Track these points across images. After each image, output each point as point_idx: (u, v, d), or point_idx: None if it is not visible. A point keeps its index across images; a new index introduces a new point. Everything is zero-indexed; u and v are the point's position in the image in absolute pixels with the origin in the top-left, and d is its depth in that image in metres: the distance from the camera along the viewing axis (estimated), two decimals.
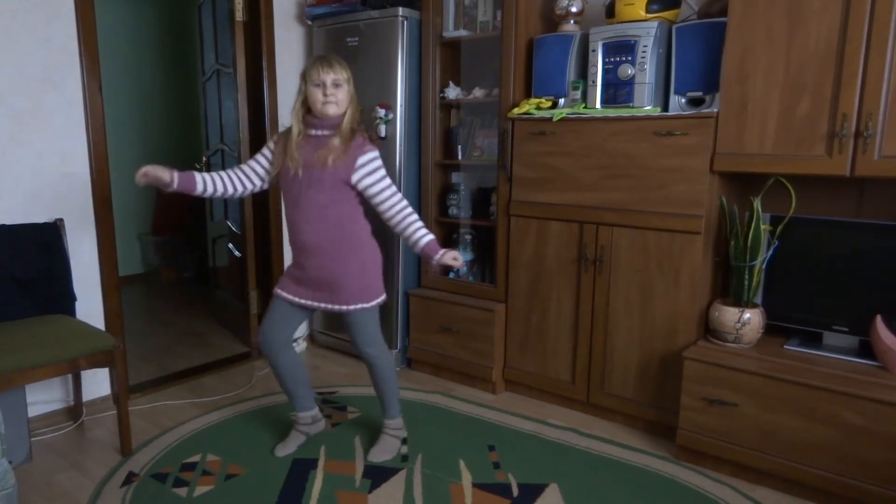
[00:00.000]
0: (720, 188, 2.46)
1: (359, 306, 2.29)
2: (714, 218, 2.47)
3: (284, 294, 2.34)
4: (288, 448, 2.47)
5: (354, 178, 2.19)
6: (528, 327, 2.94)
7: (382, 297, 2.36)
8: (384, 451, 2.44)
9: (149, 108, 5.33)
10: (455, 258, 2.26)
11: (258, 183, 2.34)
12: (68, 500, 2.19)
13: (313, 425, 2.55)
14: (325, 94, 2.14)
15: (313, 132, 2.21)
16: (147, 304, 4.78)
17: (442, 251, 2.25)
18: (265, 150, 2.33)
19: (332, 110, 2.16)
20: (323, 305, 2.30)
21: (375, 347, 2.37)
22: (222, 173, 2.31)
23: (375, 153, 2.21)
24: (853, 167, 2.12)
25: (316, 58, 2.20)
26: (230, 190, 2.31)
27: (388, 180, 2.24)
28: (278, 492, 2.21)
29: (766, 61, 2.24)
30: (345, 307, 2.29)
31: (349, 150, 2.17)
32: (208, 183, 2.26)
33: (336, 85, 2.15)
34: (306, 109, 2.22)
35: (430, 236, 2.26)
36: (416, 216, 2.27)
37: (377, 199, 2.24)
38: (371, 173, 2.20)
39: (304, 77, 2.18)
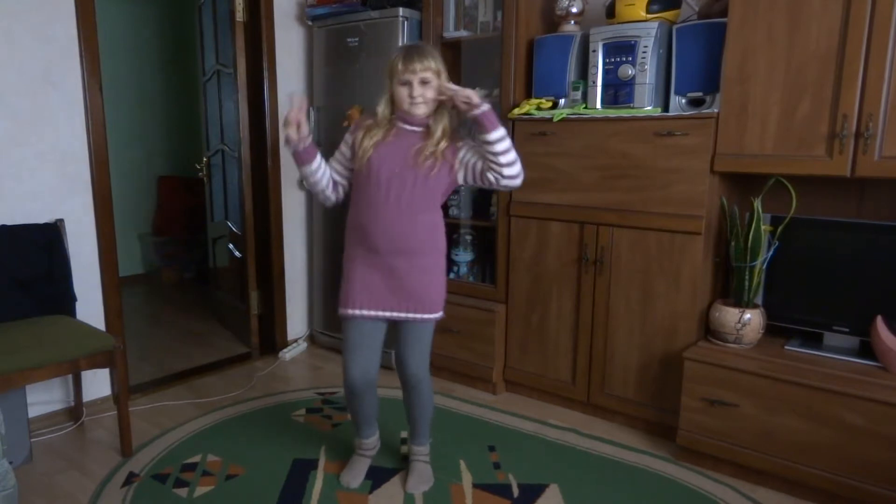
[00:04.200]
0: (720, 189, 2.46)
1: (439, 315, 2.12)
2: (714, 218, 2.47)
3: (365, 312, 2.07)
4: (358, 478, 2.28)
5: (457, 165, 2.02)
6: (529, 328, 2.94)
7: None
8: (423, 481, 2.24)
9: (149, 108, 5.33)
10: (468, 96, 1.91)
11: (344, 187, 2.14)
12: (69, 500, 2.19)
13: (376, 446, 2.37)
14: (411, 96, 1.95)
15: (404, 126, 2.02)
16: (147, 304, 4.78)
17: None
18: (343, 148, 2.11)
19: (422, 111, 1.97)
20: (404, 315, 2.08)
21: (425, 368, 2.17)
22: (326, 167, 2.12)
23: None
24: (853, 168, 2.12)
25: (401, 50, 1.98)
26: (329, 188, 2.10)
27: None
28: (279, 492, 2.21)
29: (766, 62, 2.24)
30: (431, 315, 2.10)
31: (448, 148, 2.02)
32: (322, 165, 2.07)
33: (424, 82, 1.94)
34: (392, 107, 2.03)
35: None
36: None
37: (476, 158, 2.02)
38: (469, 149, 2.03)
39: (390, 73, 1.98)
